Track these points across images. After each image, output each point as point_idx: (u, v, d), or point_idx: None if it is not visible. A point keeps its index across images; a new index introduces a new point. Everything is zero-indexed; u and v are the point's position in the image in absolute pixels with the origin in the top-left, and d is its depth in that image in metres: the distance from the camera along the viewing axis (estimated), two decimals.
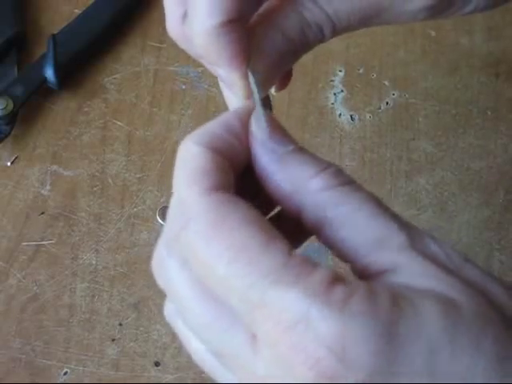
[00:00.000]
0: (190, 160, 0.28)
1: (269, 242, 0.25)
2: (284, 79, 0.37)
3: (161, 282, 0.29)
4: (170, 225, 0.28)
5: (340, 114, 0.56)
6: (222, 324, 0.26)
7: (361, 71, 0.58)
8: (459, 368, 0.24)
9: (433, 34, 0.60)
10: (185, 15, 0.33)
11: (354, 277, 0.28)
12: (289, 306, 0.24)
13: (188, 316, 0.28)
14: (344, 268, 0.29)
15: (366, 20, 0.34)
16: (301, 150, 0.29)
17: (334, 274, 0.25)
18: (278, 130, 0.29)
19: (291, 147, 0.29)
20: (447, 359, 0.24)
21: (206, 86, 0.57)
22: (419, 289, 0.25)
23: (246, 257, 0.25)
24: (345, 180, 0.28)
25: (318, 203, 0.28)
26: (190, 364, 0.47)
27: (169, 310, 0.31)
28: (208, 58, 0.32)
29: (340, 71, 0.58)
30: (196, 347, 0.29)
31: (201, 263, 0.26)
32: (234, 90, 0.32)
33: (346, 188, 0.28)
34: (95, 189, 0.53)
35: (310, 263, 0.25)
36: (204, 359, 0.29)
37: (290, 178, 0.28)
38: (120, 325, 0.48)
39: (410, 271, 0.26)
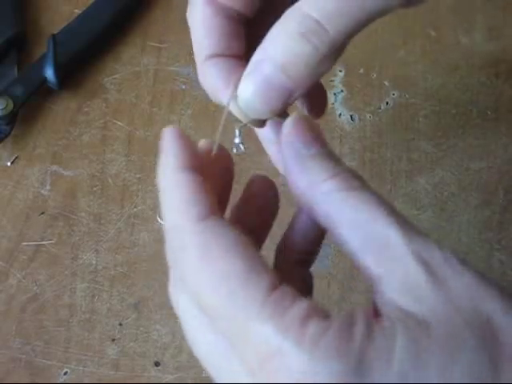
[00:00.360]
0: (175, 189, 0.29)
1: (251, 273, 0.26)
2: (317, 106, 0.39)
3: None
4: (170, 255, 0.29)
5: (340, 114, 0.56)
6: (220, 351, 0.28)
7: (361, 71, 0.58)
8: None
9: (433, 34, 0.60)
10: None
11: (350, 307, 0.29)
12: (265, 339, 0.25)
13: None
14: (344, 268, 0.29)
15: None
16: (323, 153, 0.30)
17: (311, 308, 0.25)
18: (305, 134, 0.31)
19: (313, 151, 0.30)
20: None
21: None
22: (397, 307, 0.26)
23: (227, 287, 0.26)
24: (355, 185, 0.29)
25: (326, 203, 0.29)
26: (190, 364, 0.47)
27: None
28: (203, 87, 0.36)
29: (340, 71, 0.58)
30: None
31: (192, 291, 0.27)
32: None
33: (353, 192, 0.29)
34: (95, 189, 0.53)
35: (290, 297, 0.26)
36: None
37: (307, 178, 0.30)
38: (120, 325, 0.48)
39: (395, 285, 0.26)
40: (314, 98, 0.39)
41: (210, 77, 0.35)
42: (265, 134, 0.37)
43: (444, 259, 0.27)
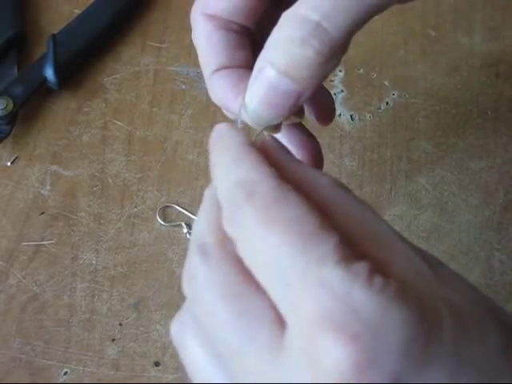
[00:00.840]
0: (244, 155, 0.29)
1: (323, 226, 0.26)
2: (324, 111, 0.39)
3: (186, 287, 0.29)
4: (225, 206, 0.28)
5: (340, 114, 0.56)
6: (242, 327, 0.26)
7: (361, 71, 0.58)
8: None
9: (433, 34, 0.60)
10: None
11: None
12: (332, 283, 0.24)
13: (205, 322, 0.28)
14: None
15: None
16: None
17: (376, 266, 0.25)
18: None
19: None
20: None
21: (206, 86, 0.57)
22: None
23: (304, 228, 0.25)
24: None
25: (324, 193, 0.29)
26: None
27: (177, 324, 0.30)
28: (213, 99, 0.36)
29: (340, 71, 0.58)
30: (202, 364, 0.29)
31: (252, 237, 0.26)
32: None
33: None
34: (95, 189, 0.53)
35: (356, 254, 0.26)
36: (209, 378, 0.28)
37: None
38: (120, 325, 0.48)
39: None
40: (321, 105, 0.39)
41: (219, 89, 0.35)
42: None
43: (438, 261, 0.28)
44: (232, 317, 0.26)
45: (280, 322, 0.26)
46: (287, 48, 0.30)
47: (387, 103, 0.56)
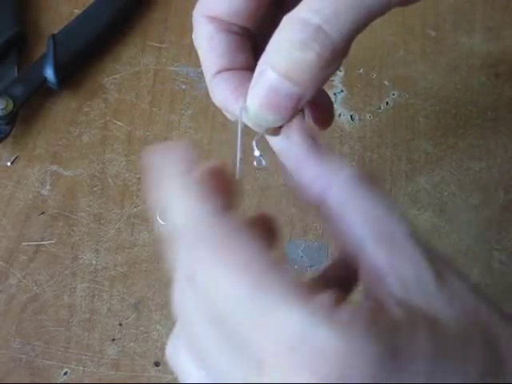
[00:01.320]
0: (188, 188, 0.28)
1: (274, 264, 0.25)
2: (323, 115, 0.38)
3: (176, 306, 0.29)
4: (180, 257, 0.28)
5: (340, 114, 0.56)
6: (229, 351, 0.26)
7: (361, 71, 0.58)
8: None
9: (433, 34, 0.60)
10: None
11: (361, 296, 0.28)
12: (293, 324, 0.24)
13: (196, 343, 0.28)
14: None
15: None
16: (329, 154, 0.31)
17: (339, 297, 0.25)
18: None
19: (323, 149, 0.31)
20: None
21: (206, 86, 0.57)
22: (406, 300, 0.26)
23: (254, 270, 0.25)
24: (369, 176, 0.30)
25: (343, 189, 0.29)
26: None
27: (170, 347, 0.30)
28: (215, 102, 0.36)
29: (340, 71, 0.58)
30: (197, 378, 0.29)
31: (208, 280, 0.26)
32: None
33: (369, 182, 0.29)
34: (95, 189, 0.53)
35: (316, 287, 0.25)
36: None
37: (325, 165, 0.30)
38: (120, 325, 0.48)
39: (405, 280, 0.27)
40: (321, 108, 0.39)
41: (220, 91, 0.35)
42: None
43: (446, 262, 0.28)
44: (220, 341, 0.26)
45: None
46: (288, 51, 0.30)
47: (387, 103, 0.57)
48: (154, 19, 0.60)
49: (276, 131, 0.33)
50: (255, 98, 0.31)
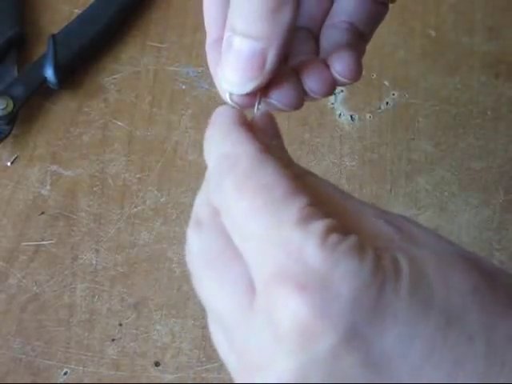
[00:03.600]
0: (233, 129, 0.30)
1: (292, 190, 0.27)
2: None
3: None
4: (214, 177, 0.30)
5: (340, 114, 0.56)
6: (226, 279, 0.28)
7: None
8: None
9: (433, 34, 0.60)
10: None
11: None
12: (288, 242, 0.26)
13: (199, 285, 0.29)
14: None
15: None
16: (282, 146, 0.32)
17: (335, 225, 0.26)
18: (273, 127, 0.32)
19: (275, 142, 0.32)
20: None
21: (206, 86, 0.57)
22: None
23: (268, 198, 0.27)
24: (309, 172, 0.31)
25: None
26: (189, 364, 0.47)
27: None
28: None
29: None
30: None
31: (229, 204, 0.28)
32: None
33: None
34: (95, 189, 0.53)
35: (319, 214, 0.26)
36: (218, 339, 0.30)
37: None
38: (120, 325, 0.48)
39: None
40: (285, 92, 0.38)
41: (212, 58, 0.35)
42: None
43: (408, 220, 0.30)
44: (213, 283, 0.28)
45: (253, 285, 0.27)
46: (240, 8, 0.31)
47: (387, 103, 0.57)
48: (154, 19, 0.60)
49: (246, 98, 0.33)
50: (225, 66, 0.32)
